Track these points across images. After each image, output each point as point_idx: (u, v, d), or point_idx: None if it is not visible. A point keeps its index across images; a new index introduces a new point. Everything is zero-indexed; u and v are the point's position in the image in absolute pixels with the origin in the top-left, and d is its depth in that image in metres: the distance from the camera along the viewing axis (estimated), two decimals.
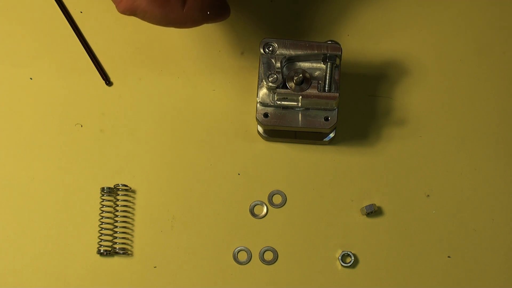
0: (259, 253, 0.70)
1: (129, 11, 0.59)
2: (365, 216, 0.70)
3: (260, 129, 0.70)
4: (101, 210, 0.69)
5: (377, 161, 0.71)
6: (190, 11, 0.60)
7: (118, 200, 0.70)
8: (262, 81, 0.64)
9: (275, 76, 0.63)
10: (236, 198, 0.71)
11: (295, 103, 0.65)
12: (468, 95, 0.72)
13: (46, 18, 0.73)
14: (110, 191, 0.69)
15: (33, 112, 0.71)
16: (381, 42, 0.73)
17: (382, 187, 0.71)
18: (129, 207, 0.70)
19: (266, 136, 0.70)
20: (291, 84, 0.64)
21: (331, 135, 0.70)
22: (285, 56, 0.64)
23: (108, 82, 0.72)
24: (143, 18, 0.60)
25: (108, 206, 0.70)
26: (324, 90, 0.64)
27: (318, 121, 0.66)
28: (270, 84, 0.63)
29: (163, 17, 0.60)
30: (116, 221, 0.69)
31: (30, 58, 0.72)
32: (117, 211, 0.70)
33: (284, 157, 0.71)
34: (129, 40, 0.73)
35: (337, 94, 0.64)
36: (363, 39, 0.73)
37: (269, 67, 0.64)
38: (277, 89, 0.64)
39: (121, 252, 0.69)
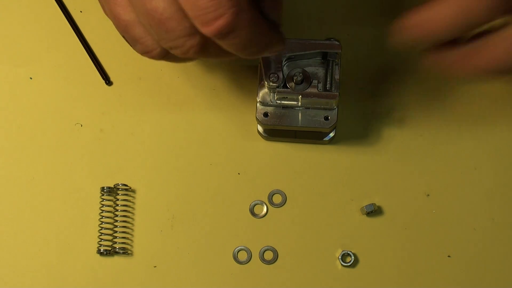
0: (259, 252, 0.70)
1: (228, 28, 0.50)
2: (365, 215, 0.70)
3: (260, 128, 0.70)
4: (101, 210, 0.69)
5: (377, 161, 0.71)
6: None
7: (118, 199, 0.70)
8: (262, 80, 0.64)
9: (276, 75, 0.63)
10: (236, 198, 0.70)
11: (295, 103, 0.65)
12: (468, 95, 0.72)
13: (46, 18, 0.73)
14: (110, 191, 0.69)
15: (33, 112, 0.71)
16: (381, 41, 0.73)
17: (382, 187, 0.71)
18: (129, 206, 0.70)
19: (266, 135, 0.70)
20: (291, 84, 0.64)
21: (331, 134, 0.70)
22: (285, 55, 0.64)
23: (108, 82, 0.72)
24: (231, 39, 0.51)
25: (108, 206, 0.70)
26: (324, 90, 0.64)
27: (318, 120, 0.66)
28: (271, 83, 0.63)
29: (251, 39, 0.52)
30: (116, 221, 0.69)
31: (30, 58, 0.72)
32: (117, 210, 0.70)
33: (284, 157, 0.71)
34: None
35: (337, 93, 0.64)
36: (362, 39, 0.73)
37: (269, 66, 0.64)
38: (278, 89, 0.64)
39: (121, 251, 0.69)
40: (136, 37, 0.56)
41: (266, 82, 0.64)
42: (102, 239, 0.69)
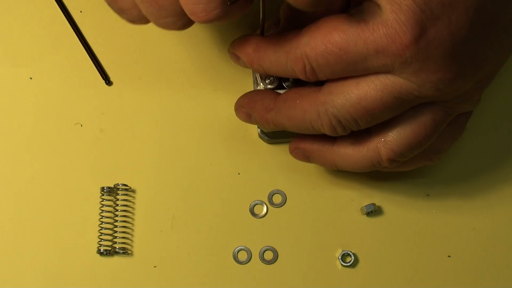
0: (259, 252, 0.70)
1: (216, 20, 0.52)
2: (365, 215, 0.70)
3: (260, 130, 0.70)
4: (101, 210, 0.69)
5: None
6: None
7: (118, 199, 0.70)
8: (257, 84, 0.64)
9: (271, 77, 0.63)
10: (236, 198, 0.70)
11: None
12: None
13: (46, 18, 0.73)
14: (110, 191, 0.69)
15: (33, 112, 0.71)
16: None
17: (382, 187, 0.71)
18: (129, 206, 0.70)
19: (267, 138, 0.70)
20: (287, 83, 0.64)
21: None
22: None
23: (108, 82, 0.72)
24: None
25: (108, 206, 0.70)
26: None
27: None
28: (268, 86, 0.63)
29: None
30: (116, 221, 0.69)
31: (30, 58, 0.72)
32: (117, 210, 0.70)
33: (284, 157, 0.71)
34: (129, 39, 0.73)
35: None
36: None
37: None
38: (276, 90, 0.64)
39: (121, 251, 0.69)
40: (123, 9, 0.56)
41: (262, 85, 0.63)
42: (102, 239, 0.69)
